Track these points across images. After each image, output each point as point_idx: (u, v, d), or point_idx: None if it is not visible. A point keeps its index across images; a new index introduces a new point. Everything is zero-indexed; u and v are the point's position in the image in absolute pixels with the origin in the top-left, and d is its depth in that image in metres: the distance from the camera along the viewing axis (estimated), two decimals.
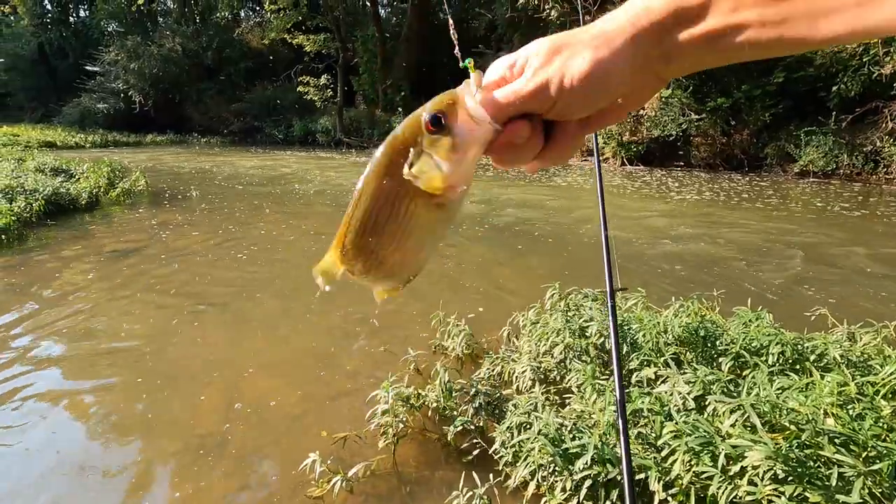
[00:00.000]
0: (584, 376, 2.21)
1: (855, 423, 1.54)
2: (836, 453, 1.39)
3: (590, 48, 0.37)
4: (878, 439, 1.45)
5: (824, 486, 1.36)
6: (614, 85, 0.38)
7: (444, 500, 2.02)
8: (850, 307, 4.04)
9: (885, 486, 1.33)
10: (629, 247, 5.96)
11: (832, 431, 1.47)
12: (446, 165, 0.41)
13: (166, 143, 24.54)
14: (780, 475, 1.43)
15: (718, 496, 1.49)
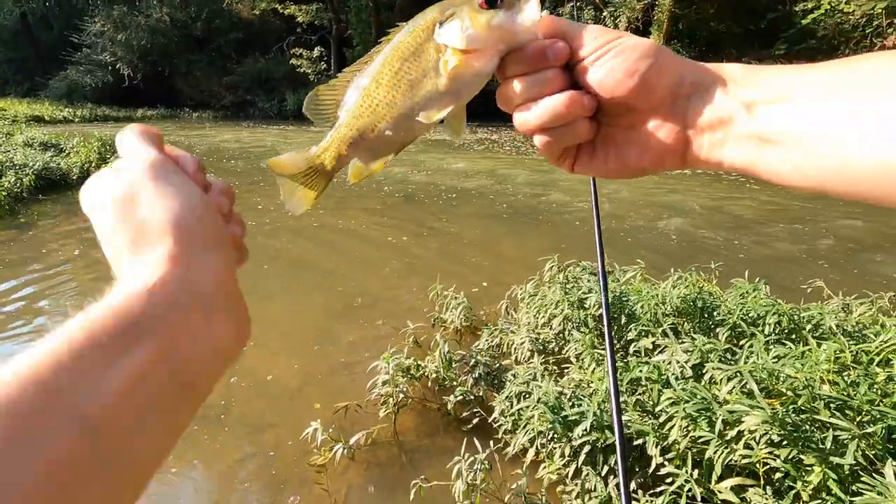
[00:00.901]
0: (582, 346, 2.23)
1: (850, 389, 1.56)
2: (831, 417, 1.42)
3: None
4: (873, 405, 1.48)
5: (819, 448, 1.39)
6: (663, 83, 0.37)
7: (444, 467, 2.06)
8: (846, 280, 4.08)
9: (878, 449, 1.36)
10: (632, 223, 5.95)
11: (828, 396, 1.50)
12: (477, 34, 0.39)
13: (157, 118, 24.07)
14: (776, 439, 1.46)
15: (715, 460, 1.52)
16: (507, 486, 1.80)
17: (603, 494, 1.63)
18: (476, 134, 16.34)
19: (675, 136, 0.37)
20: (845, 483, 1.34)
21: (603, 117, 0.41)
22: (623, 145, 0.40)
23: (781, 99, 0.33)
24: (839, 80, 0.31)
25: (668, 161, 0.39)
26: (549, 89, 0.38)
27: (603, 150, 0.41)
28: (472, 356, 2.54)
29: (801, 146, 0.32)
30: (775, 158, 0.33)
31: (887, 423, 1.39)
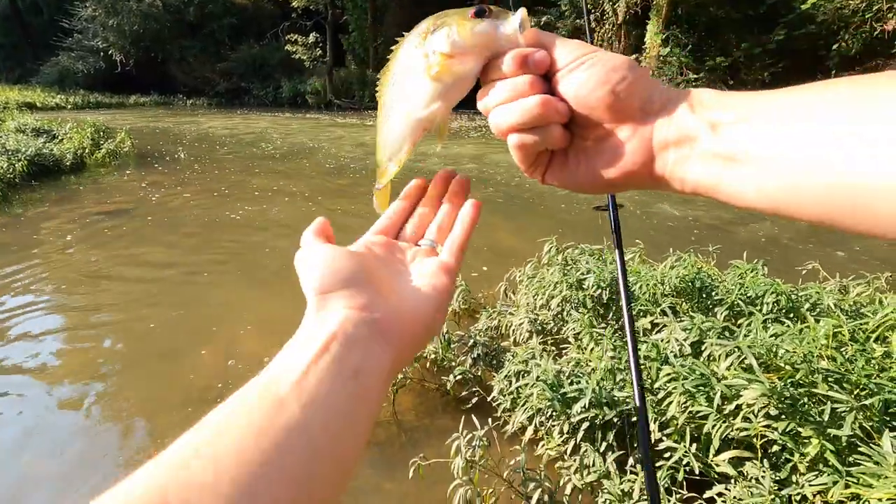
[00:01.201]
0: (581, 326, 2.24)
1: (848, 364, 1.57)
2: (829, 391, 1.42)
3: None
4: (870, 378, 1.49)
5: (816, 421, 1.40)
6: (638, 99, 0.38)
7: (443, 445, 2.07)
8: (843, 264, 4.10)
9: (875, 420, 1.37)
10: (631, 207, 5.94)
11: (826, 371, 1.50)
12: (460, 40, 0.42)
13: (150, 105, 23.81)
14: (774, 413, 1.47)
15: (713, 434, 1.53)
16: (505, 462, 1.81)
17: (601, 469, 1.64)
18: (474, 121, 16.25)
19: (644, 151, 0.38)
20: (842, 454, 1.35)
21: (575, 128, 0.42)
22: (593, 157, 0.41)
23: (744, 120, 0.34)
24: (803, 103, 0.32)
25: (636, 176, 0.39)
26: (526, 94, 0.40)
27: (574, 161, 0.42)
28: (470, 337, 2.54)
29: (762, 166, 0.32)
30: (737, 178, 0.34)
31: (884, 396, 1.40)
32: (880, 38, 10.25)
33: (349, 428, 0.30)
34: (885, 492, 1.18)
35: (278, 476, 0.25)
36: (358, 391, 0.31)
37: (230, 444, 0.26)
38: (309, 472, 0.27)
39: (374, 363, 0.33)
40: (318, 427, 0.28)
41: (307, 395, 0.29)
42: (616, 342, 2.06)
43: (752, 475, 1.44)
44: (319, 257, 0.38)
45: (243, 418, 0.27)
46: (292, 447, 0.27)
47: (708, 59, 12.51)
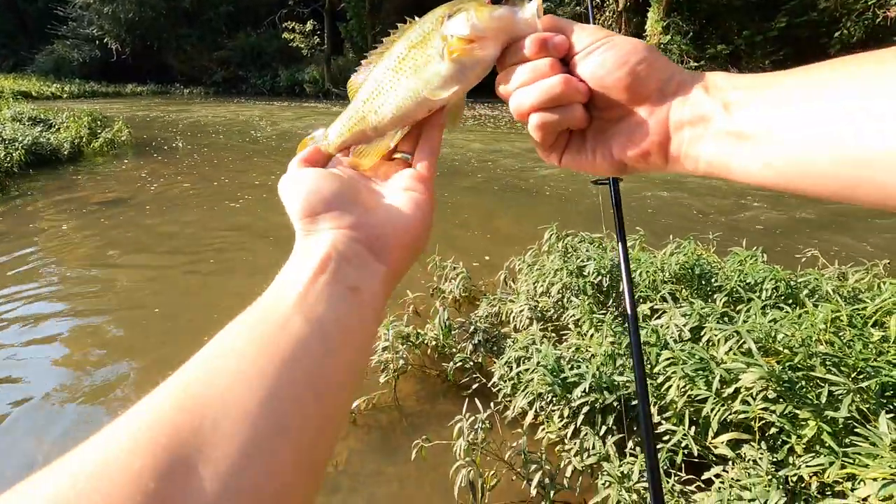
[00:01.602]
0: (581, 312, 2.25)
1: (846, 348, 1.59)
2: (827, 374, 1.44)
3: None
4: (868, 362, 1.50)
5: (814, 403, 1.42)
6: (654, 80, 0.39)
7: (444, 430, 2.09)
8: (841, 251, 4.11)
9: (871, 403, 1.38)
10: (632, 196, 5.94)
11: (824, 354, 1.52)
12: (480, 24, 0.42)
13: (147, 94, 23.63)
14: (772, 395, 1.48)
15: (711, 417, 1.55)
16: (507, 445, 1.83)
17: (601, 452, 1.66)
18: (474, 110, 16.15)
19: (660, 131, 0.39)
20: (839, 436, 1.37)
21: (593, 110, 0.42)
22: (610, 138, 0.42)
23: (755, 99, 0.35)
24: (811, 81, 0.33)
25: (652, 156, 0.40)
26: (547, 75, 0.41)
27: (592, 142, 0.43)
28: (471, 324, 2.56)
29: (771, 142, 0.33)
30: (747, 155, 0.35)
31: (881, 379, 1.42)
32: (882, 25, 10.17)
33: (351, 342, 0.30)
34: (880, 471, 1.20)
35: (290, 385, 0.26)
36: (357, 305, 0.32)
37: (240, 360, 0.26)
38: (315, 384, 0.27)
39: (369, 278, 0.34)
40: (322, 340, 0.29)
41: (309, 309, 0.30)
42: (616, 328, 2.08)
43: (750, 457, 1.46)
44: (301, 182, 0.38)
45: (250, 335, 0.28)
46: (299, 360, 0.27)
47: (709, 46, 12.42)
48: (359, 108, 0.47)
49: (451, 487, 1.69)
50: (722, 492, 1.37)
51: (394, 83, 0.45)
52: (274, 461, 0.23)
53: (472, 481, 1.64)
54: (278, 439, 0.24)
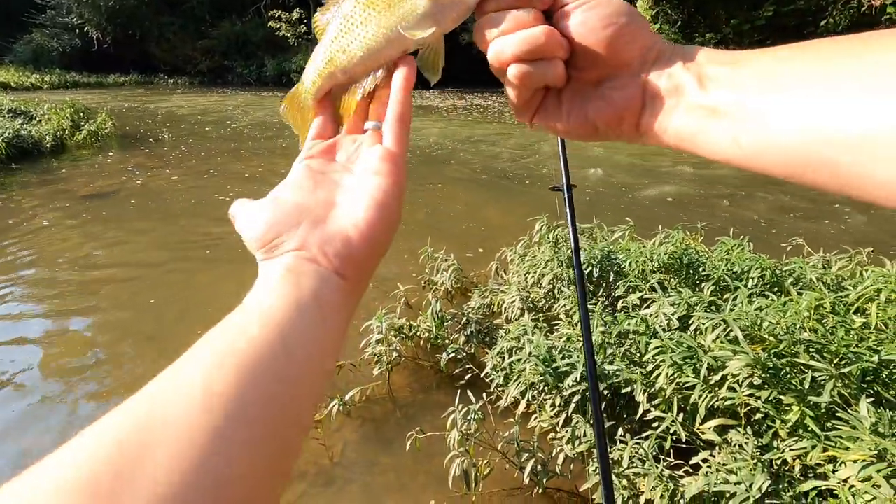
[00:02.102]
0: (572, 302, 2.28)
1: (829, 335, 1.63)
2: (810, 360, 1.48)
3: None
4: (850, 348, 1.55)
5: (798, 389, 1.46)
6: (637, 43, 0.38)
7: (438, 421, 2.12)
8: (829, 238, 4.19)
9: (853, 388, 1.43)
10: (621, 187, 5.98)
11: (808, 341, 1.56)
12: None
13: (131, 85, 23.17)
14: (757, 382, 1.52)
15: (699, 403, 1.59)
16: (500, 435, 1.87)
17: (592, 440, 1.69)
18: (464, 100, 16.08)
19: (636, 98, 0.39)
20: (821, 420, 1.41)
21: (572, 69, 0.41)
22: (586, 101, 0.41)
23: (731, 76, 0.35)
24: (787, 63, 0.33)
25: (623, 123, 0.40)
26: (529, 25, 0.39)
27: (567, 103, 0.42)
28: (463, 315, 2.58)
29: (741, 119, 0.33)
30: (716, 130, 0.35)
31: (862, 365, 1.46)
32: (867, 14, 10.27)
33: (313, 349, 0.30)
34: (860, 454, 1.24)
35: (254, 386, 0.25)
36: (319, 313, 0.31)
37: (194, 374, 0.25)
38: (277, 386, 0.26)
39: (331, 288, 0.33)
40: (284, 350, 0.28)
41: (269, 319, 0.29)
42: (606, 318, 2.11)
43: (736, 442, 1.50)
44: (244, 218, 0.38)
45: (209, 345, 0.27)
46: (257, 372, 0.26)
47: (697, 35, 12.46)
48: (327, 47, 0.44)
49: (445, 477, 1.71)
50: (709, 476, 1.41)
51: (365, 19, 0.42)
52: (235, 456, 0.23)
53: (466, 471, 1.67)
54: (243, 431, 0.24)
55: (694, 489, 1.39)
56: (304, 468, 1.97)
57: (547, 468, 1.71)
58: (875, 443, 1.22)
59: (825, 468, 1.34)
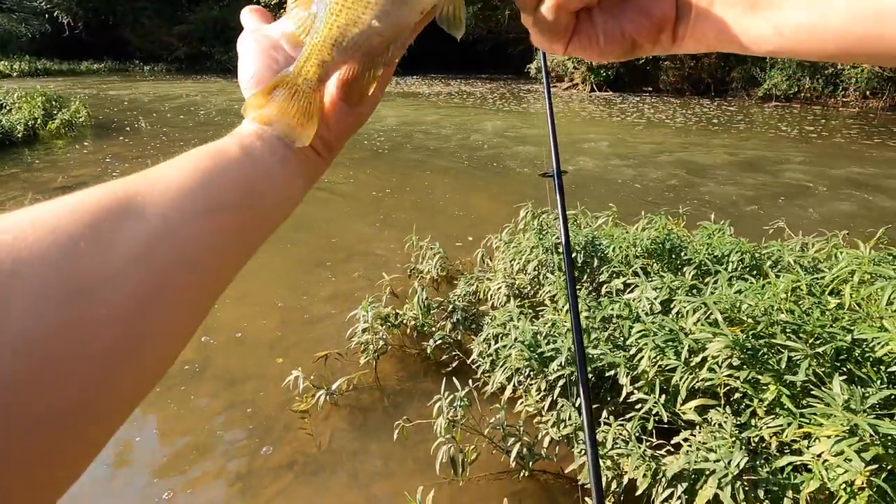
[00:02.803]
0: (557, 288, 2.30)
1: (804, 316, 1.67)
2: (787, 340, 1.52)
3: None
4: (824, 328, 1.59)
5: (774, 369, 1.50)
6: None
7: (425, 408, 2.13)
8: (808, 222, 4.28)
9: (827, 366, 1.47)
10: (605, 173, 6.01)
11: (785, 322, 1.60)
12: None
13: (105, 72, 22.49)
14: (736, 363, 1.56)
15: (680, 385, 1.62)
16: (486, 420, 1.89)
17: (577, 422, 1.72)
18: (449, 86, 15.94)
19: (670, 4, 0.38)
20: (797, 398, 1.45)
21: None
22: (620, 17, 0.40)
23: None
24: None
25: (663, 33, 0.39)
26: None
27: (602, 24, 0.41)
28: (449, 303, 2.58)
29: (779, 7, 0.33)
30: (756, 22, 0.35)
31: (836, 344, 1.50)
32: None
33: (282, 184, 0.34)
34: (833, 429, 1.28)
35: (221, 187, 0.29)
36: (288, 159, 0.35)
37: (179, 161, 0.30)
38: (246, 195, 0.30)
39: (294, 157, 0.36)
40: (254, 168, 0.32)
41: (247, 144, 0.33)
42: (590, 302, 2.13)
43: (716, 421, 1.54)
44: (258, 59, 0.39)
45: (189, 154, 0.31)
46: (232, 170, 0.30)
47: None
48: (332, 22, 0.39)
49: (433, 463, 1.73)
50: (689, 454, 1.45)
51: None
52: (206, 229, 0.27)
53: (453, 456, 1.69)
54: (211, 215, 0.27)
55: (675, 468, 1.43)
56: (292, 457, 1.97)
57: (533, 451, 1.74)
58: (847, 419, 1.26)
59: (800, 444, 1.39)
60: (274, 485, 1.86)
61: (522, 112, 11.07)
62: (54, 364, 0.19)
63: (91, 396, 0.20)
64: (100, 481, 1.88)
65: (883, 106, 10.91)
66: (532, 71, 16.44)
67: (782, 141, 7.86)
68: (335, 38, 0.39)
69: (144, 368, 0.23)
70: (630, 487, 1.57)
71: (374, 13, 0.38)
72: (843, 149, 7.29)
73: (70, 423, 0.19)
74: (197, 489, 1.86)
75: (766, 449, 1.48)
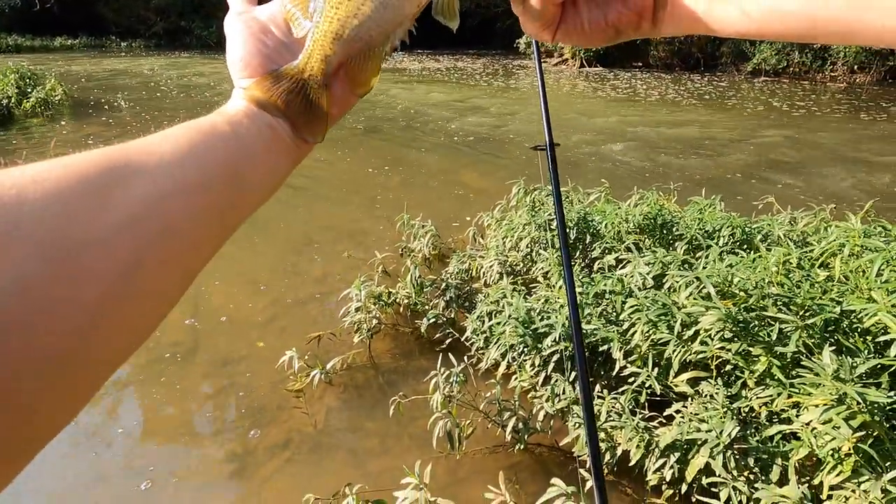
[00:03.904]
0: (550, 264, 2.30)
1: (795, 289, 1.69)
2: (778, 313, 1.54)
3: None
4: (814, 300, 1.61)
5: (765, 341, 1.52)
6: None
7: (420, 385, 2.14)
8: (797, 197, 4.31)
9: (816, 337, 1.50)
10: (596, 149, 5.98)
11: (776, 295, 1.62)
12: None
13: (80, 48, 21.69)
14: (728, 336, 1.58)
15: (673, 358, 1.64)
16: (481, 395, 1.90)
17: (571, 397, 1.74)
18: (438, 62, 15.67)
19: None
20: (787, 369, 1.48)
21: None
22: (604, 7, 0.42)
23: None
24: None
25: (644, 20, 0.42)
26: None
27: (586, 13, 0.43)
28: (442, 281, 2.58)
29: None
30: (725, 6, 0.37)
31: (825, 315, 1.53)
32: None
33: (266, 160, 0.34)
34: (821, 398, 1.31)
35: (213, 163, 0.30)
36: (273, 137, 0.35)
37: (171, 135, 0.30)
38: (233, 171, 0.31)
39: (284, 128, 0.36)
40: (239, 145, 0.32)
41: (235, 122, 0.33)
42: (583, 278, 2.14)
43: (707, 392, 1.56)
44: (245, 42, 0.39)
45: (180, 127, 0.31)
46: (220, 148, 0.31)
47: None
48: (332, 15, 0.39)
49: (429, 439, 1.75)
50: (682, 425, 1.47)
51: None
52: (192, 203, 0.28)
53: (450, 431, 1.70)
54: (199, 189, 0.28)
55: (668, 438, 1.46)
56: (288, 436, 1.98)
57: (528, 425, 1.76)
58: (836, 388, 1.29)
59: (789, 413, 1.42)
60: (271, 463, 1.87)
61: (513, 88, 10.93)
62: (47, 307, 0.21)
63: (79, 343, 0.22)
64: (93, 463, 1.87)
65: (870, 80, 10.95)
66: (521, 46, 16.20)
67: (772, 116, 7.87)
68: (336, 32, 0.39)
69: (128, 326, 0.25)
70: (623, 458, 1.60)
71: (373, 5, 0.38)
72: (831, 124, 7.32)
73: (60, 365, 0.21)
74: (193, 469, 1.86)
75: (755, 419, 1.51)
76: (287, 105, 0.36)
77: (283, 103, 0.36)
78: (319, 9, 0.39)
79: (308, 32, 0.39)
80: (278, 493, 1.76)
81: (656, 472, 1.52)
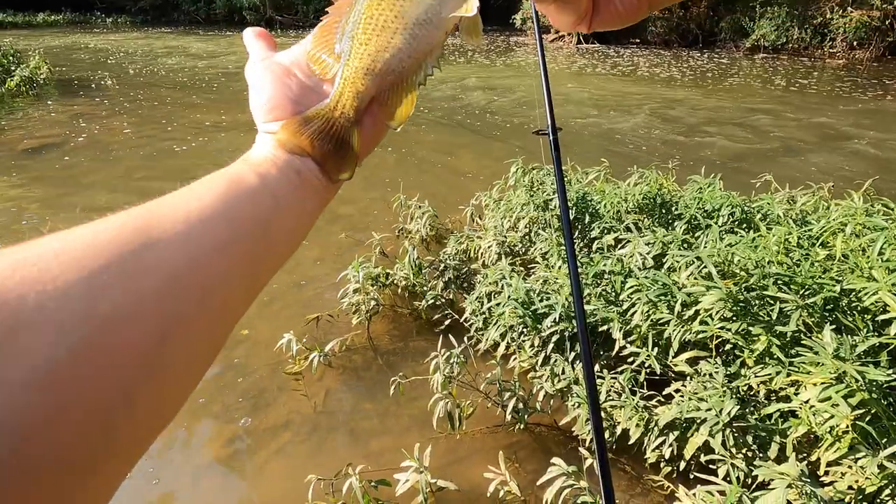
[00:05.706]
0: (549, 245, 2.28)
1: (795, 268, 1.69)
2: (778, 292, 1.54)
3: None
4: (814, 279, 1.61)
5: (765, 320, 1.52)
6: None
7: (419, 367, 2.15)
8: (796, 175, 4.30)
9: (816, 316, 1.50)
10: (594, 128, 5.92)
11: (776, 274, 1.61)
12: None
13: (64, 24, 21.09)
14: (728, 315, 1.58)
15: (673, 338, 1.64)
16: (481, 376, 1.91)
17: (571, 376, 1.75)
18: None
19: None
20: (786, 348, 1.49)
21: None
22: None
23: None
24: None
25: None
26: None
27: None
28: (440, 262, 2.56)
29: None
30: None
31: (825, 294, 1.53)
32: None
33: (295, 209, 0.33)
34: (821, 377, 1.32)
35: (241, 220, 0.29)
36: (301, 183, 0.34)
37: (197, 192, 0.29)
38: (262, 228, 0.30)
39: (312, 172, 0.36)
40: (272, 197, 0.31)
41: (263, 172, 0.32)
42: (582, 259, 2.13)
43: (707, 371, 1.57)
44: (267, 86, 0.37)
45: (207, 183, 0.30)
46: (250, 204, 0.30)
47: None
48: (363, 50, 0.39)
49: (428, 419, 1.75)
50: (681, 404, 1.48)
51: (400, 12, 0.37)
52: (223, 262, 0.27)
53: (450, 412, 1.71)
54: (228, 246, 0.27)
55: (668, 417, 1.47)
56: (288, 418, 1.98)
57: (528, 405, 1.77)
58: (836, 366, 1.29)
59: (788, 391, 1.43)
60: (272, 444, 1.87)
61: (509, 66, 10.75)
62: (76, 395, 0.19)
63: (111, 429, 0.21)
64: None
65: (869, 57, 10.84)
66: (517, 22, 15.87)
67: (772, 93, 7.80)
68: (367, 67, 0.38)
69: (163, 398, 0.24)
70: (622, 437, 1.62)
71: (403, 38, 0.38)
72: (831, 101, 7.27)
73: (88, 460, 0.20)
74: (193, 451, 1.86)
75: (754, 397, 1.53)
76: (317, 147, 0.36)
77: (313, 145, 0.35)
78: (347, 47, 0.39)
79: (337, 71, 0.38)
80: (280, 473, 1.77)
81: (655, 449, 1.53)
